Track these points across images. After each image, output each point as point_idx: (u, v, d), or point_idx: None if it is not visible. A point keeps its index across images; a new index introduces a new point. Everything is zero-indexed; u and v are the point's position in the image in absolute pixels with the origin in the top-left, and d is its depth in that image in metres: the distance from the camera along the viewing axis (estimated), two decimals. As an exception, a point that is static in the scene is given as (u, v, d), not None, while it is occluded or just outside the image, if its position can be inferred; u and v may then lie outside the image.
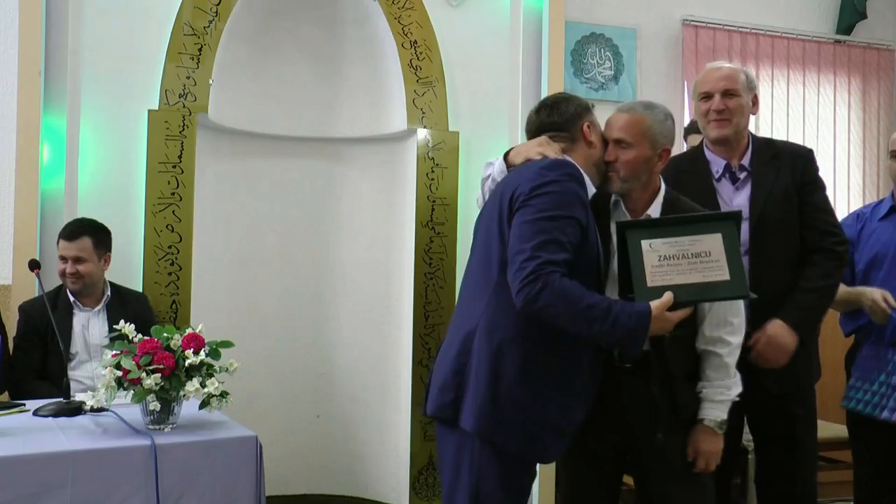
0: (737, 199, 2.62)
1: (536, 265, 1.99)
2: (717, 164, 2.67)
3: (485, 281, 2.17)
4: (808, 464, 2.67)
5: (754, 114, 2.72)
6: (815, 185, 2.67)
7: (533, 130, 2.36)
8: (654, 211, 2.33)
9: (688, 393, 2.29)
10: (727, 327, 2.27)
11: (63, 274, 3.13)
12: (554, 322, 2.03)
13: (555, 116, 2.32)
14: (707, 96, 2.65)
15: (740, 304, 2.31)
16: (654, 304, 2.04)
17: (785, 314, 2.53)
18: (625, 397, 2.29)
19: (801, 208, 2.62)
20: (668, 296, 2.05)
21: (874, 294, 2.80)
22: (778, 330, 2.51)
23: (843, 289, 2.82)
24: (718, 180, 2.65)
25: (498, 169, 2.35)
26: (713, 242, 2.08)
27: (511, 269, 2.04)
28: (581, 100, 2.37)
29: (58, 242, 3.17)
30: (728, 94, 2.62)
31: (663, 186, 2.37)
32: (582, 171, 2.22)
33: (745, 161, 2.66)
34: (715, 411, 2.27)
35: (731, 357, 2.28)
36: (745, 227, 2.55)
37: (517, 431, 2.09)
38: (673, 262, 2.07)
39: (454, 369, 2.14)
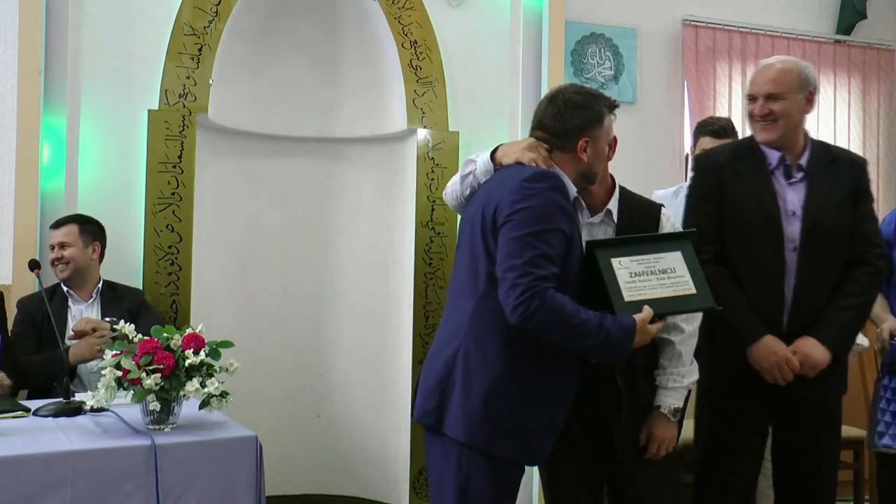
0: (789, 194, 2.59)
1: (530, 282, 1.99)
2: (771, 156, 2.62)
3: (471, 290, 2.17)
4: (831, 478, 2.65)
5: (807, 112, 2.64)
6: (866, 196, 2.65)
7: (534, 122, 2.32)
8: (613, 205, 2.38)
9: (648, 382, 2.37)
10: (681, 314, 2.34)
11: (52, 263, 3.16)
12: (546, 338, 2.05)
13: (556, 122, 2.25)
14: (752, 98, 2.61)
15: None
16: (638, 317, 2.09)
17: (819, 332, 2.52)
18: (597, 390, 2.33)
19: (851, 216, 2.60)
20: (648, 310, 2.11)
21: (886, 325, 2.84)
22: (810, 345, 2.50)
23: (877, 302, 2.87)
24: (772, 172, 2.61)
25: (482, 168, 2.29)
26: (675, 260, 2.20)
27: (503, 286, 2.03)
28: (594, 110, 2.25)
29: (51, 233, 3.19)
30: (772, 97, 2.56)
31: (616, 181, 2.44)
32: (565, 179, 2.21)
33: (803, 161, 2.61)
34: (669, 399, 2.35)
35: (685, 345, 2.35)
36: (797, 228, 2.55)
37: (510, 438, 2.10)
38: (643, 278, 2.16)
39: (438, 377, 2.15)
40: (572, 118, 2.23)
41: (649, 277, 2.16)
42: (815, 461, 2.61)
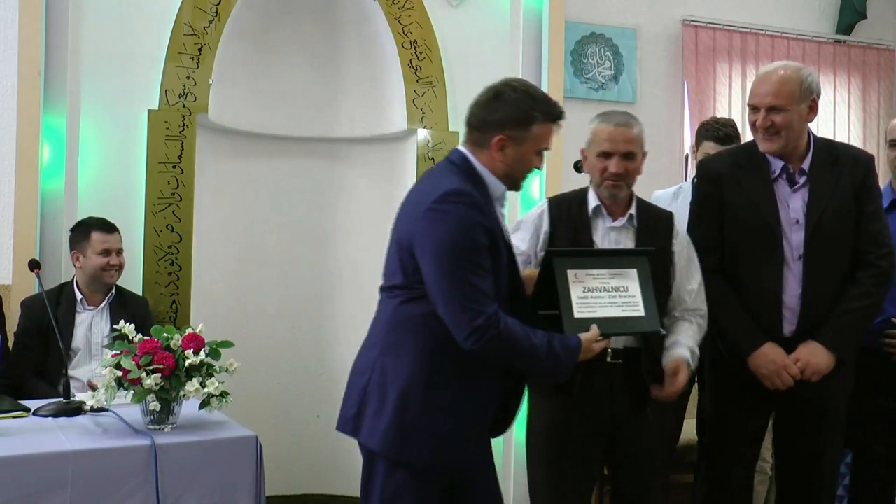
0: (793, 201, 2.57)
1: (478, 310, 1.96)
2: (774, 163, 2.59)
3: (389, 297, 2.16)
4: (832, 473, 2.65)
5: (810, 120, 2.59)
6: (871, 193, 2.60)
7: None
8: (633, 210, 2.45)
9: (663, 375, 2.42)
10: (701, 294, 2.46)
11: (104, 267, 3.13)
12: (497, 361, 2.06)
13: (478, 111, 2.13)
14: (754, 108, 2.56)
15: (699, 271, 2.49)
16: (584, 337, 2.12)
17: (822, 336, 2.51)
18: (615, 390, 2.38)
19: (855, 216, 2.57)
20: (595, 330, 2.14)
21: None
22: (813, 351, 2.51)
23: None
24: (775, 180, 2.59)
25: None
26: (629, 278, 2.24)
27: (449, 314, 1.99)
28: (522, 110, 2.09)
29: (86, 236, 3.14)
30: (774, 109, 2.51)
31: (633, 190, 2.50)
32: (488, 179, 2.13)
33: (805, 164, 2.58)
34: (689, 356, 2.40)
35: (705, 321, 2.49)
36: (800, 234, 2.54)
37: (425, 446, 2.06)
38: (595, 294, 2.20)
39: (359, 385, 2.14)
40: (494, 111, 2.10)
41: (601, 294, 2.20)
42: (817, 456, 2.61)
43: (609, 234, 2.44)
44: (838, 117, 4.91)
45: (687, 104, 4.55)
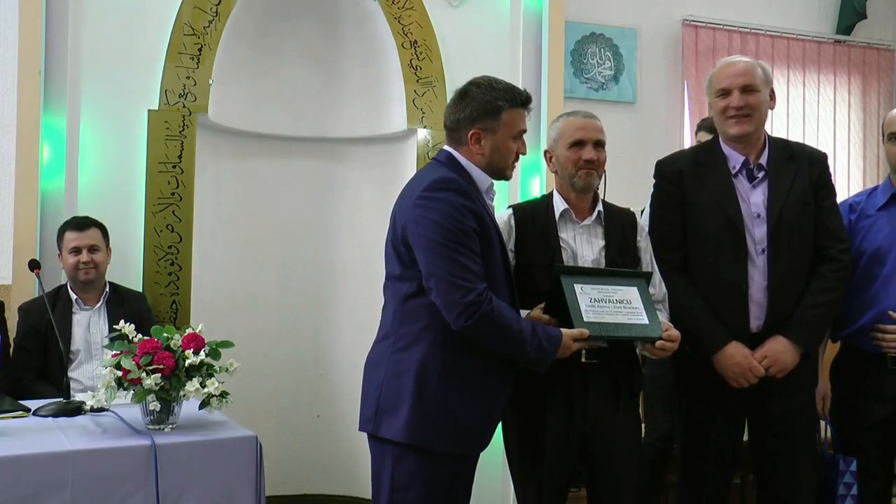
0: (753, 196, 2.60)
1: (469, 286, 2.05)
2: (734, 159, 2.63)
3: (394, 293, 2.24)
4: (809, 469, 2.64)
5: (772, 108, 2.68)
6: (828, 190, 2.66)
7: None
8: (600, 208, 2.51)
9: (638, 374, 2.52)
10: (662, 284, 2.54)
11: (76, 266, 3.12)
12: (485, 342, 2.12)
13: (449, 115, 2.29)
14: (725, 93, 2.60)
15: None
16: (566, 332, 2.19)
17: (789, 331, 2.53)
18: (590, 389, 2.42)
19: (814, 212, 2.61)
20: (581, 331, 2.22)
21: (818, 390, 2.81)
22: (779, 348, 2.52)
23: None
24: (735, 176, 2.62)
25: None
26: (632, 293, 2.38)
27: (441, 296, 2.07)
28: (486, 101, 2.22)
29: (61, 236, 3.16)
30: (747, 89, 2.57)
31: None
32: (474, 173, 2.24)
33: (763, 160, 2.62)
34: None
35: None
36: (763, 228, 2.57)
37: (446, 432, 2.14)
38: (601, 304, 2.33)
39: (375, 382, 2.20)
40: (464, 109, 2.24)
41: (606, 305, 2.33)
42: (791, 455, 2.60)
43: (579, 231, 2.49)
44: (838, 117, 4.92)
45: (687, 104, 4.56)
